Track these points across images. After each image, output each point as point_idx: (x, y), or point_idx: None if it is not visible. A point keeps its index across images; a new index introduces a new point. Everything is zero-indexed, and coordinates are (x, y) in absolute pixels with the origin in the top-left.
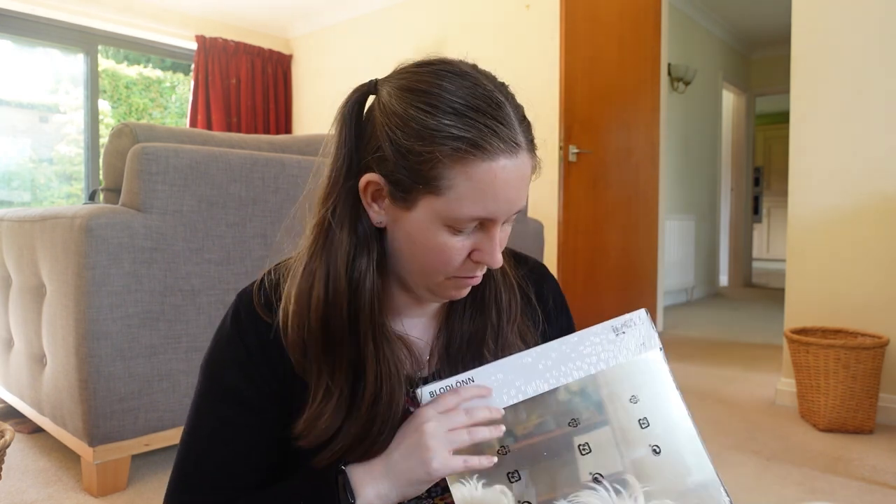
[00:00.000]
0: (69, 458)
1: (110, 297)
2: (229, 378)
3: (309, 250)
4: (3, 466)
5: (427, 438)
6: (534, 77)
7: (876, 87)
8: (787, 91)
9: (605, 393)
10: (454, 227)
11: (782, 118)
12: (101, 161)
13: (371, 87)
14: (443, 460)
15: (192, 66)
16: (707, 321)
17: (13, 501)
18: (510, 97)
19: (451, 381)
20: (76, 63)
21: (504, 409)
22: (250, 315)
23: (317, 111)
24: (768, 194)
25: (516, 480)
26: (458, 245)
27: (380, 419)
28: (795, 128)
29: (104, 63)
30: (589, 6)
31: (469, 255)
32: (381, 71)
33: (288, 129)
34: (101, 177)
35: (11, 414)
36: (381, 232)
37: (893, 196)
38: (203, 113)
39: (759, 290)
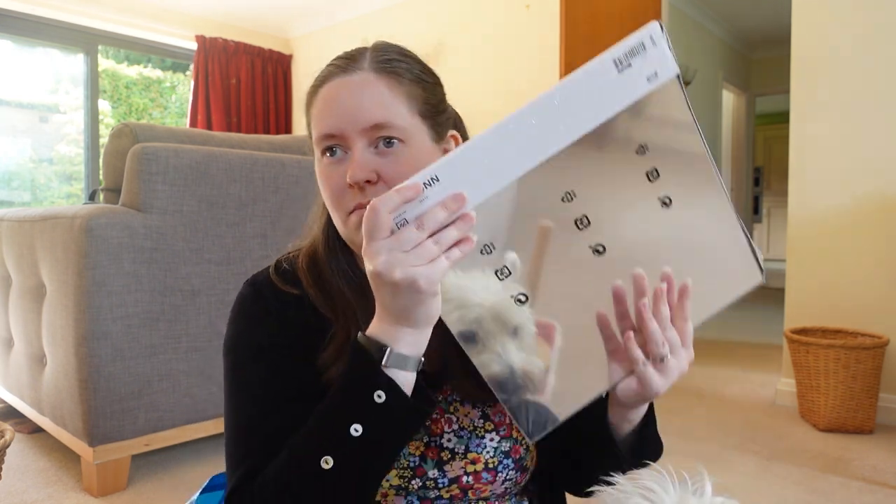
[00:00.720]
0: (69, 458)
1: (110, 297)
2: (257, 338)
3: (312, 212)
4: (3, 466)
5: (390, 273)
6: (534, 77)
7: (876, 87)
8: (787, 91)
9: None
10: (323, 152)
11: (782, 118)
12: (101, 161)
13: None
14: (426, 276)
15: (192, 66)
16: (707, 321)
17: (13, 501)
18: (380, 46)
19: (411, 181)
20: (76, 63)
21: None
22: (270, 288)
23: None
24: (768, 194)
25: (488, 253)
26: (331, 171)
27: None
28: (795, 128)
29: (104, 63)
30: (589, 6)
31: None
32: None
33: (288, 129)
34: (101, 177)
35: (11, 414)
36: None
37: (893, 196)
38: (203, 113)
39: (758, 290)
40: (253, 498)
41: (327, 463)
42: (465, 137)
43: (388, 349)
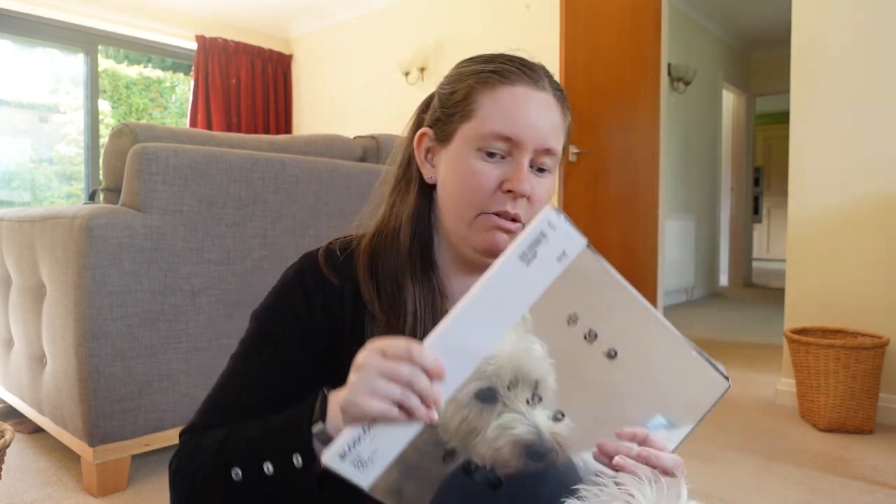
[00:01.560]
0: (69, 458)
1: (110, 297)
2: (276, 321)
3: (384, 210)
4: (3, 466)
5: (355, 372)
6: None
7: (876, 87)
8: (787, 91)
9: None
10: (483, 150)
11: (782, 118)
12: (101, 161)
13: None
14: (361, 401)
15: (193, 66)
16: (707, 321)
17: (13, 501)
18: (544, 68)
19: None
20: (76, 63)
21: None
22: (315, 271)
23: (317, 111)
24: (768, 194)
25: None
26: (487, 170)
27: None
28: (795, 128)
29: (104, 63)
30: (589, 6)
31: (500, 185)
32: (381, 71)
33: (288, 129)
34: (101, 177)
35: (11, 414)
36: (433, 190)
37: (893, 196)
38: (203, 113)
39: (759, 290)
40: (187, 449)
41: (237, 475)
42: None
43: (324, 427)
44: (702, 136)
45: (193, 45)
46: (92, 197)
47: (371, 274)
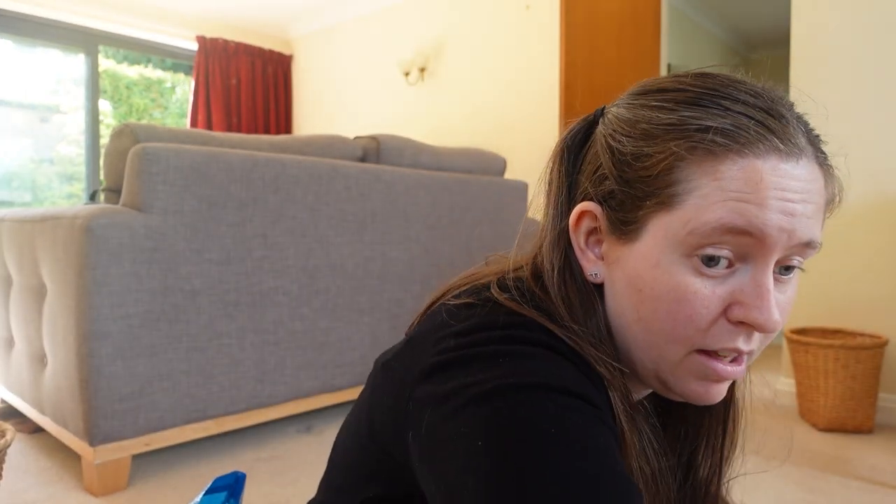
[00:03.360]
0: (70, 457)
1: (111, 297)
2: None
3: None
4: (3, 466)
5: None
6: (534, 77)
7: (875, 88)
8: (786, 91)
9: None
10: (700, 255)
11: None
12: (101, 161)
13: (598, 113)
14: None
15: (193, 67)
16: None
17: (13, 501)
18: (796, 110)
19: None
20: (76, 63)
21: None
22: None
23: (317, 111)
24: None
25: None
26: (705, 290)
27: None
28: None
29: (105, 63)
30: (589, 6)
31: (725, 311)
32: (381, 71)
33: (288, 129)
34: (101, 177)
35: (12, 414)
36: (600, 290)
37: (893, 196)
38: (203, 113)
39: None
40: None
41: None
42: None
43: None
44: None
45: (194, 46)
46: (92, 197)
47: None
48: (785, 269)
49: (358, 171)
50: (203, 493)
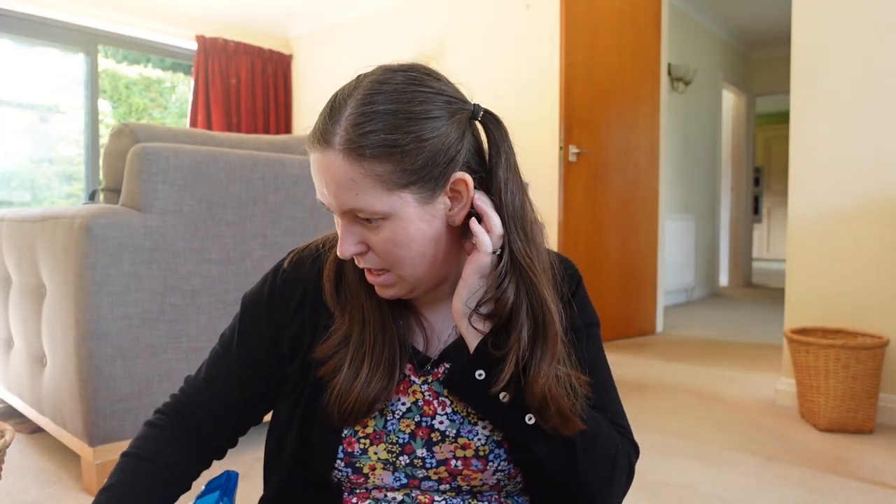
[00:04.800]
0: (69, 457)
1: (110, 297)
2: (251, 312)
3: None
4: (3, 466)
5: None
6: (534, 77)
7: (876, 87)
8: (787, 91)
9: None
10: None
11: (782, 118)
12: (101, 161)
13: None
14: None
15: (193, 67)
16: (707, 321)
17: (13, 501)
18: (358, 112)
19: None
20: (76, 63)
21: None
22: (292, 266)
23: (317, 111)
24: (768, 194)
25: None
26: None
27: (378, 374)
28: (795, 128)
29: (104, 63)
30: (589, 7)
31: None
32: None
33: (288, 129)
34: (101, 177)
35: (11, 414)
36: None
37: (893, 196)
38: (203, 113)
39: (759, 290)
40: (155, 414)
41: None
42: (497, 137)
43: None
44: (702, 136)
45: (193, 45)
46: (92, 197)
47: (334, 273)
48: (366, 220)
49: None
50: (196, 498)
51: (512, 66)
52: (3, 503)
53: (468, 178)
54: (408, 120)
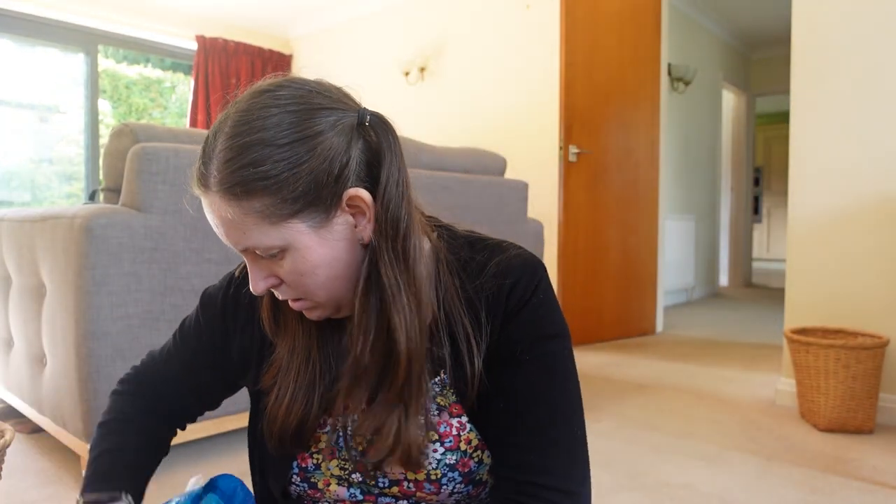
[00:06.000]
0: (69, 458)
1: (110, 297)
2: (201, 317)
3: None
4: (3, 466)
5: None
6: (534, 77)
7: (876, 87)
8: (787, 91)
9: None
10: None
11: (782, 118)
12: (101, 161)
13: None
14: None
15: (193, 66)
16: (707, 321)
17: (13, 501)
18: (227, 147)
19: None
20: (76, 63)
21: None
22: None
23: None
24: (768, 194)
25: None
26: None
27: (299, 401)
28: (795, 128)
29: (104, 63)
30: (589, 6)
31: None
32: (381, 71)
33: None
34: (101, 177)
35: (11, 414)
36: None
37: (894, 196)
38: (203, 113)
39: (759, 290)
40: (119, 384)
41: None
42: (384, 146)
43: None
44: (702, 136)
45: (193, 45)
46: (92, 197)
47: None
48: (270, 256)
49: None
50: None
51: (512, 66)
52: (3, 503)
53: (363, 192)
54: (278, 148)
